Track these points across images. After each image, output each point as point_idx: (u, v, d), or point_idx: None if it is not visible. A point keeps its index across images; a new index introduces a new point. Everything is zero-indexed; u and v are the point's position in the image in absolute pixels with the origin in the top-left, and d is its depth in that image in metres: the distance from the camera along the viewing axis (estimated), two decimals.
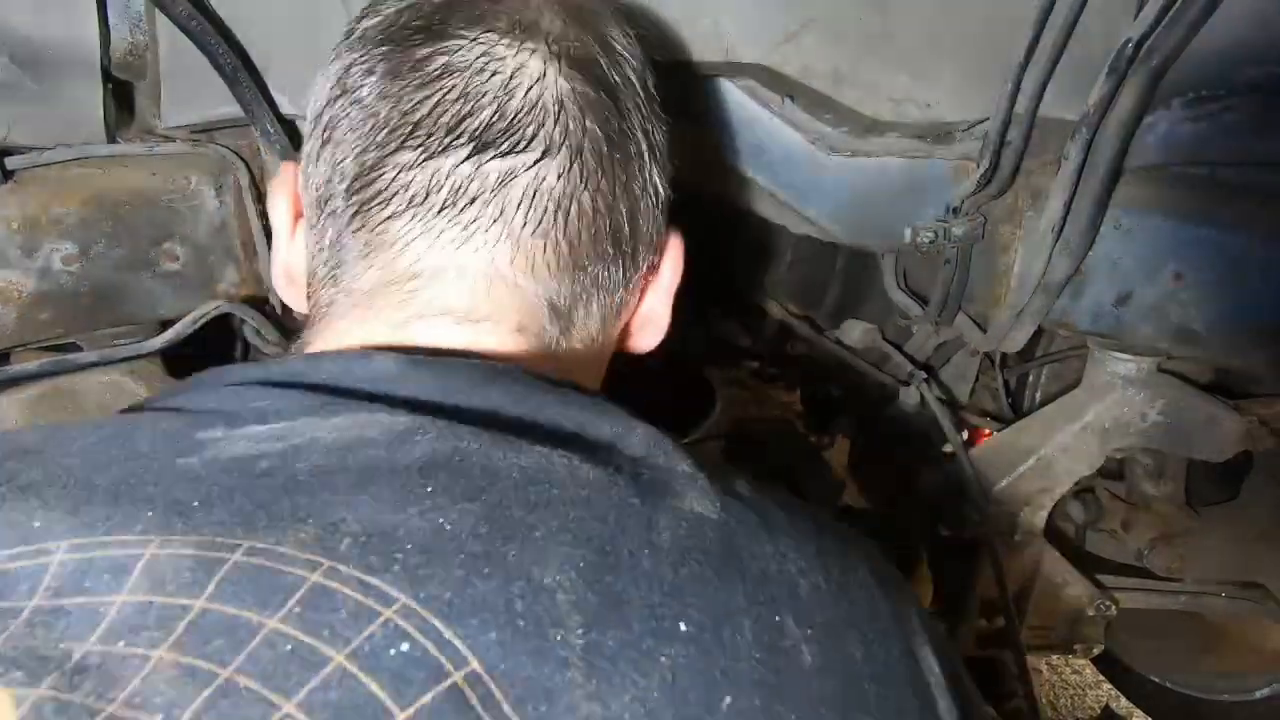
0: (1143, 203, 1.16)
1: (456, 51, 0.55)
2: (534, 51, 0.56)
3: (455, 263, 0.55)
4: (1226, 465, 1.45)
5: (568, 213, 0.56)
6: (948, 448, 1.48)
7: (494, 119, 0.54)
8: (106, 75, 1.08)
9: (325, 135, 0.59)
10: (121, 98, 1.13)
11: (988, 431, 1.69)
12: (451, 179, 0.54)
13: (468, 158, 0.54)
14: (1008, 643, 1.41)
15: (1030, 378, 1.80)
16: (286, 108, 1.10)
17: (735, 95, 1.24)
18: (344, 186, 0.56)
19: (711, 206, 1.88)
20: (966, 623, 1.48)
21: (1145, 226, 1.17)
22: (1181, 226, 1.16)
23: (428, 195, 0.54)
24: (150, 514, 0.37)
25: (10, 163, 1.07)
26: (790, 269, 1.97)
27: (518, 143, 0.54)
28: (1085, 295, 1.22)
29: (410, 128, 0.54)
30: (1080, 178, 1.10)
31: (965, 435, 1.66)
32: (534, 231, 0.55)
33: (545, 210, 0.55)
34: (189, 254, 1.19)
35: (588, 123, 0.56)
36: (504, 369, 0.50)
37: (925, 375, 1.68)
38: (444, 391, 0.46)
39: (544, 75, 0.55)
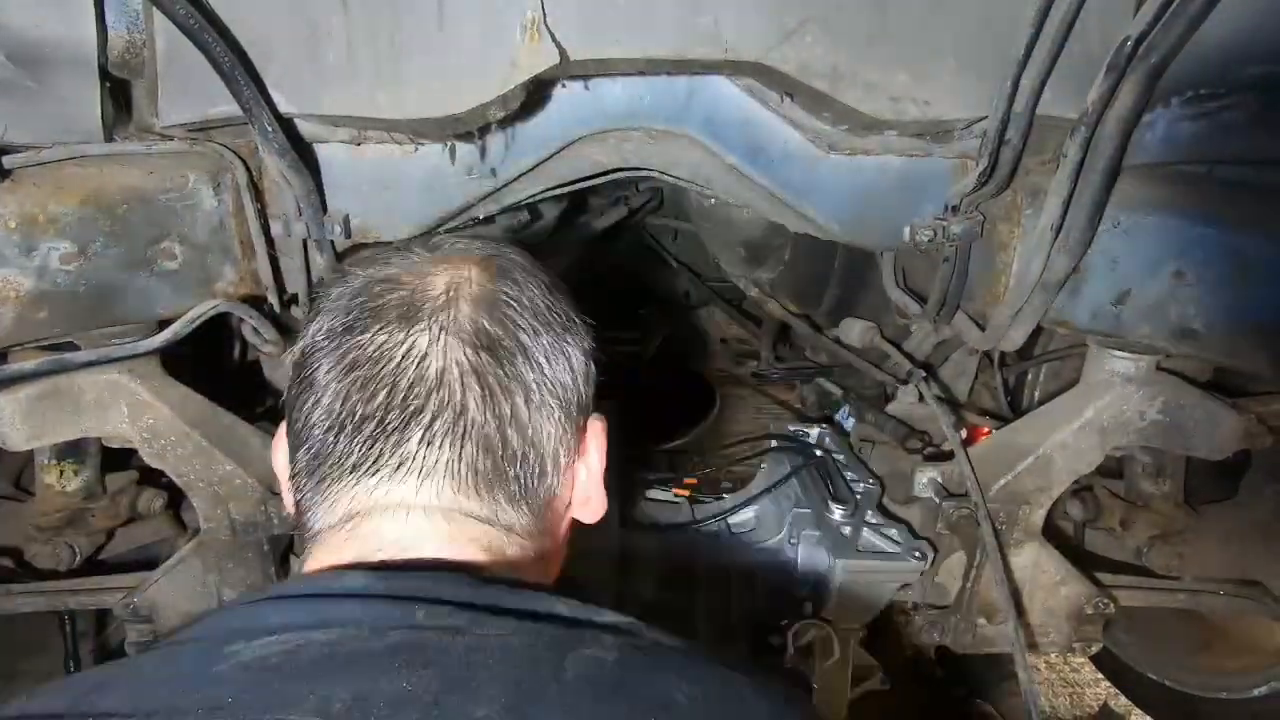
0: (1142, 201, 1.16)
1: (362, 348, 0.74)
2: (421, 332, 0.73)
3: (379, 503, 0.72)
4: (1225, 463, 1.45)
5: (460, 453, 0.73)
6: (947, 446, 1.48)
7: (389, 399, 0.72)
8: (104, 74, 1.08)
9: (292, 401, 0.78)
10: (119, 96, 1.13)
11: (987, 430, 1.69)
12: (362, 448, 0.72)
13: (371, 434, 0.72)
14: (1008, 641, 1.41)
15: (1029, 376, 1.80)
16: (284, 106, 1.10)
17: (735, 94, 1.25)
18: (304, 446, 0.76)
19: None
20: (967, 622, 1.49)
21: (1144, 225, 1.17)
22: (1181, 225, 1.16)
23: (346, 460, 0.73)
24: (200, 711, 0.55)
25: (8, 161, 1.06)
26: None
27: (410, 414, 0.72)
28: (1084, 294, 1.22)
29: (335, 415, 0.73)
30: (1079, 176, 1.10)
31: (964, 433, 1.66)
32: (434, 472, 0.72)
33: (440, 458, 0.72)
34: (187, 253, 1.19)
35: (466, 381, 0.73)
36: (448, 576, 0.67)
37: (924, 374, 1.69)
38: (404, 590, 0.63)
39: (425, 353, 0.73)
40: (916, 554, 1.44)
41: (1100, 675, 2.41)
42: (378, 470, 0.72)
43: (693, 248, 2.63)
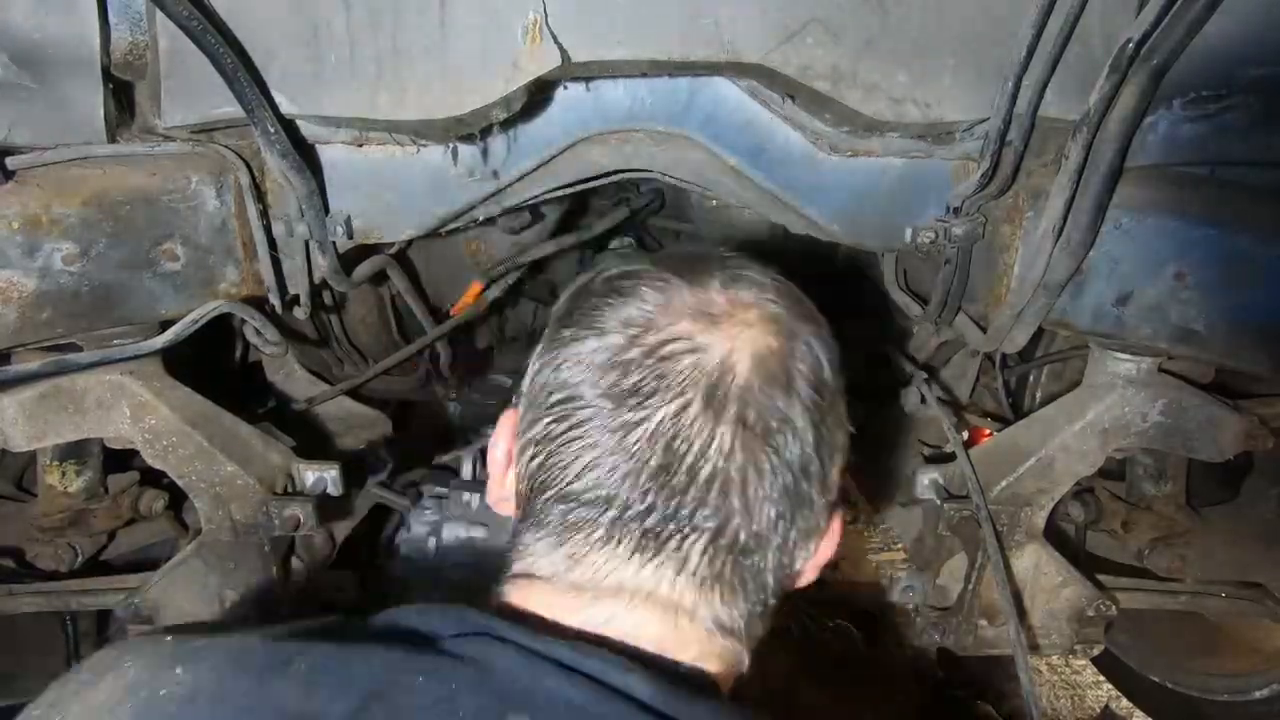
0: (1143, 203, 1.16)
1: (658, 422, 0.67)
2: (719, 420, 0.67)
3: (636, 585, 0.68)
4: (1227, 465, 1.45)
5: (737, 560, 0.69)
6: (948, 447, 1.48)
7: (681, 489, 0.67)
8: (107, 75, 1.08)
9: (545, 439, 0.72)
10: (122, 97, 1.13)
11: (988, 431, 1.69)
12: (642, 527, 0.68)
13: (659, 521, 0.67)
14: (1009, 643, 1.41)
15: (1031, 378, 1.80)
16: (286, 107, 1.10)
17: (736, 95, 1.25)
18: (554, 495, 0.71)
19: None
20: (968, 623, 1.48)
21: (1146, 226, 1.17)
22: (1183, 226, 1.16)
23: (621, 539, 0.68)
24: None
25: (11, 162, 1.07)
26: None
27: (702, 514, 0.67)
28: (1086, 295, 1.22)
29: (615, 485, 0.68)
30: (1081, 177, 1.10)
31: (966, 435, 1.66)
32: (705, 574, 0.69)
33: (721, 560, 0.69)
34: (189, 254, 1.19)
35: (764, 487, 0.69)
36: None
37: (926, 375, 1.69)
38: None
39: (730, 450, 0.67)
40: None
41: (1102, 677, 2.41)
42: (646, 553, 0.68)
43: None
